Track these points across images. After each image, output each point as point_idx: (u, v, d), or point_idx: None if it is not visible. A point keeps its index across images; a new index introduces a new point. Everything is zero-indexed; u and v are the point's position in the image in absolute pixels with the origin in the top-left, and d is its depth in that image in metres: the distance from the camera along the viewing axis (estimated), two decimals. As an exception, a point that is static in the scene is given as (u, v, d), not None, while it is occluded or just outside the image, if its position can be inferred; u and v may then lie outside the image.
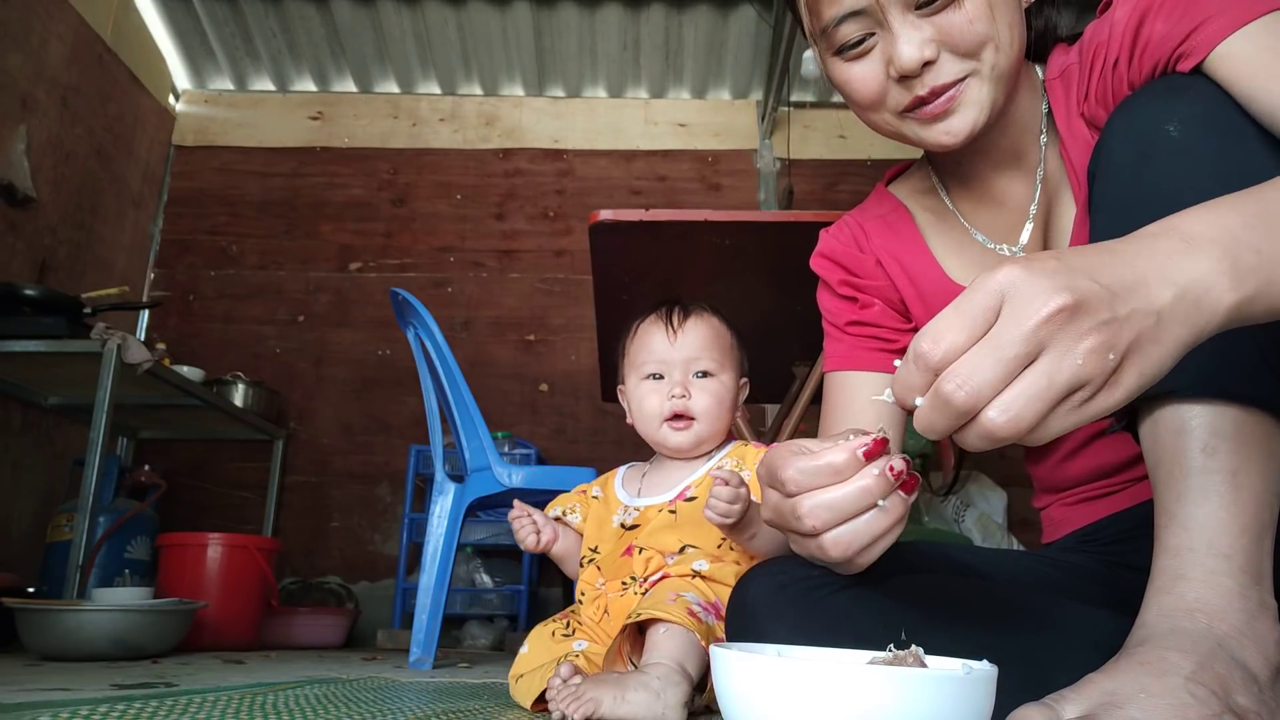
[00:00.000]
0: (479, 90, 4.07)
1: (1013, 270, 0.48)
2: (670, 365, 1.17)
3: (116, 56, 3.44)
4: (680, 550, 1.09)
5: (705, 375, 1.17)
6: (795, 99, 3.93)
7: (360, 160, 3.97)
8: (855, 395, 0.96)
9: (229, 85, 4.02)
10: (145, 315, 3.69)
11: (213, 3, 3.67)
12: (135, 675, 1.45)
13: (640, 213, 1.71)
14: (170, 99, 3.92)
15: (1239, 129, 0.66)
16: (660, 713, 0.85)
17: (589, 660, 1.07)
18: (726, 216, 1.74)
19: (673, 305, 1.21)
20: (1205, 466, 0.59)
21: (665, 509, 1.14)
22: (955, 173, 0.94)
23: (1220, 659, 0.55)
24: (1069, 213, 0.86)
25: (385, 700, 1.06)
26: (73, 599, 2.15)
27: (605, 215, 1.72)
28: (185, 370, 2.97)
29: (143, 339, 3.27)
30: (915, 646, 0.56)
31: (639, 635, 0.99)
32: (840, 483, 0.57)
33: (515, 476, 1.93)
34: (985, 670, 0.52)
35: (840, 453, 0.57)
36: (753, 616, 0.78)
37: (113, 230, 3.46)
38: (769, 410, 3.14)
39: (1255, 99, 0.65)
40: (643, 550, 1.10)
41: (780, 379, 2.32)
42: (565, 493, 1.29)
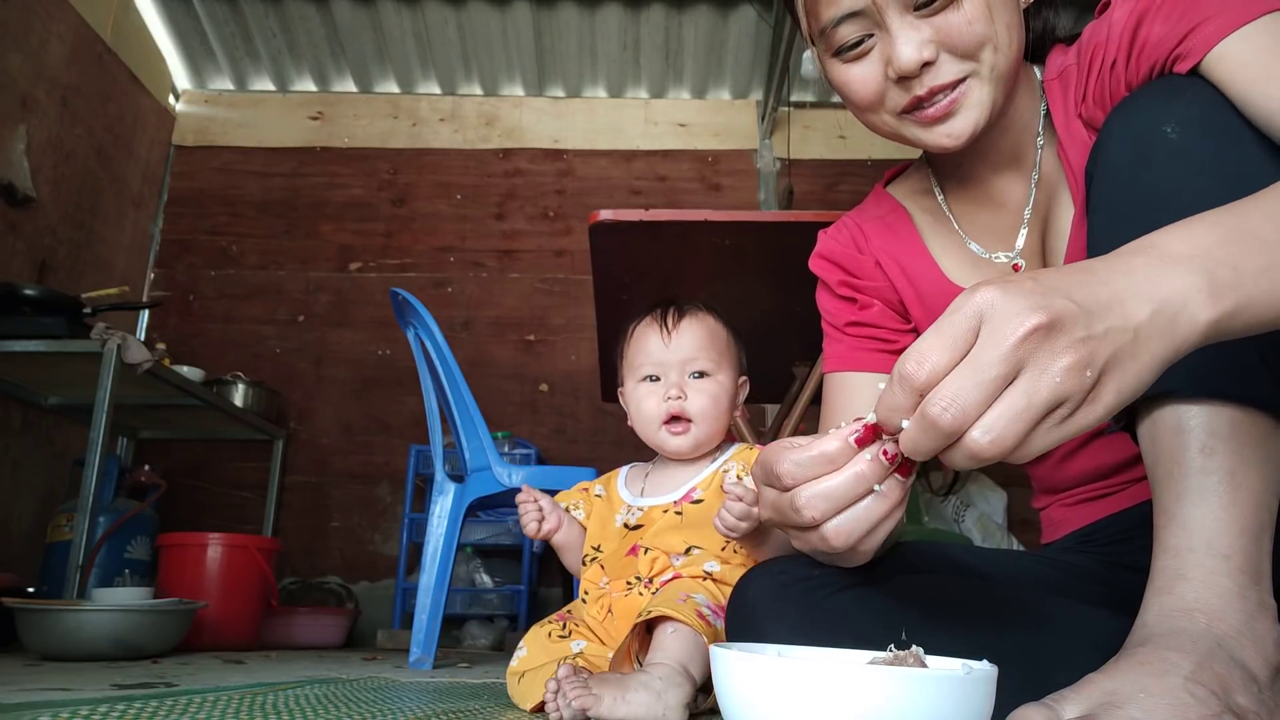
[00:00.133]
0: (479, 90, 4.07)
1: (989, 291, 0.49)
2: (666, 366, 1.17)
3: (116, 56, 3.44)
4: (686, 551, 1.09)
5: (701, 375, 1.16)
6: (795, 99, 3.93)
7: (360, 160, 3.97)
8: (854, 395, 0.96)
9: (229, 85, 4.02)
10: (145, 315, 3.69)
11: (213, 3, 3.67)
12: (135, 675, 1.45)
13: (640, 212, 1.71)
14: (170, 99, 3.92)
15: (1236, 131, 0.66)
16: (661, 713, 0.85)
17: (588, 661, 1.07)
18: (726, 216, 1.74)
19: (668, 306, 1.21)
20: (1204, 467, 0.59)
21: (670, 510, 1.14)
22: (954, 174, 0.94)
23: (1219, 659, 0.55)
24: (1067, 214, 0.86)
25: (385, 700, 1.06)
26: (73, 599, 2.15)
27: (605, 215, 1.72)
28: (185, 370, 2.97)
29: (143, 339, 3.27)
30: (916, 647, 0.56)
31: (647, 636, 0.98)
32: (835, 471, 0.57)
33: (515, 476, 1.93)
34: (985, 670, 0.52)
35: (832, 441, 0.57)
36: (753, 616, 0.78)
37: (113, 230, 3.46)
38: (769, 410, 3.14)
39: (1251, 101, 0.66)
40: (648, 551, 1.10)
41: (780, 379, 2.32)
42: (565, 492, 1.29)
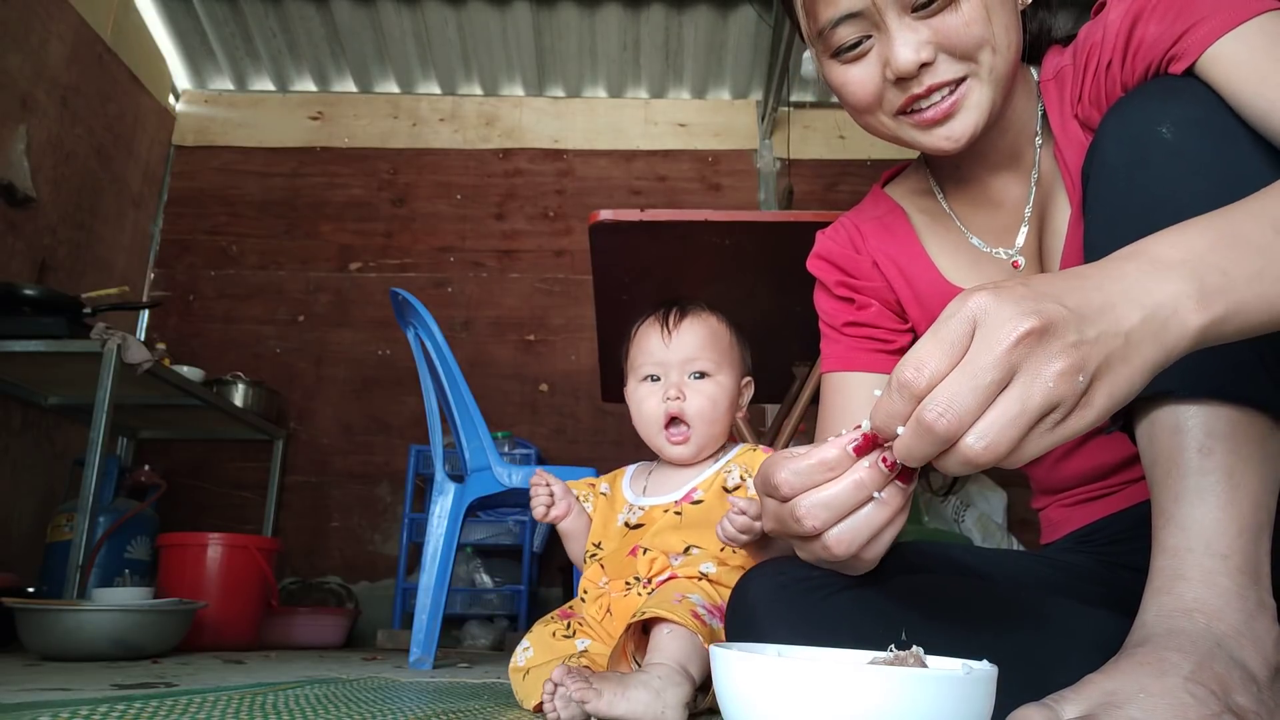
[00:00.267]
0: (479, 90, 4.07)
1: (982, 296, 0.49)
2: (666, 367, 1.16)
3: (116, 56, 3.44)
4: (685, 551, 1.09)
5: (702, 376, 1.16)
6: (795, 99, 3.93)
7: (360, 160, 3.97)
8: (853, 396, 0.96)
9: (229, 85, 4.02)
10: (145, 315, 3.69)
11: (213, 3, 3.67)
12: (135, 675, 1.45)
13: (641, 212, 1.71)
14: (170, 99, 3.92)
15: (1232, 131, 0.66)
16: (660, 711, 0.85)
17: (592, 660, 1.07)
18: (726, 216, 1.74)
19: (670, 306, 1.20)
20: (1202, 467, 0.59)
21: (670, 510, 1.14)
22: (952, 175, 0.94)
23: (1219, 659, 0.55)
24: (1064, 214, 0.86)
25: (385, 700, 1.06)
26: (73, 599, 2.15)
27: (605, 215, 1.71)
28: (185, 370, 2.97)
29: (143, 339, 3.27)
30: (916, 647, 0.56)
31: (643, 635, 0.98)
32: (834, 479, 0.57)
33: (515, 476, 1.93)
34: (985, 670, 0.52)
35: (831, 449, 0.57)
36: (753, 616, 0.78)
37: (113, 230, 3.46)
38: (769, 410, 3.14)
39: (1246, 101, 0.66)
40: (647, 551, 1.10)
41: (780, 379, 2.32)
42: (575, 481, 1.28)
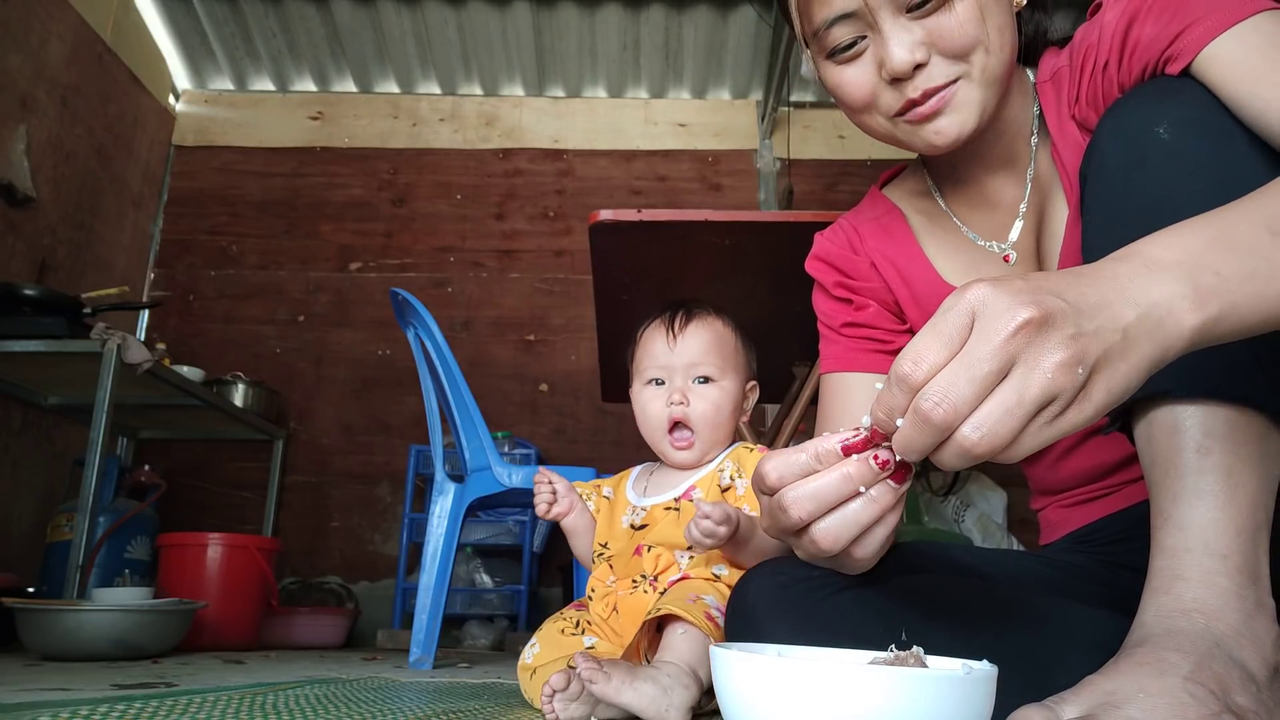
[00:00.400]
0: (479, 90, 4.07)
1: (981, 288, 0.49)
2: (671, 371, 1.16)
3: (116, 56, 3.43)
4: (688, 546, 1.09)
5: (706, 380, 1.16)
6: (795, 99, 3.93)
7: (360, 160, 3.97)
8: (852, 396, 0.96)
9: (229, 85, 4.02)
10: (145, 315, 3.69)
11: (213, 3, 3.67)
12: (135, 675, 1.45)
13: (640, 212, 1.71)
14: (170, 99, 3.92)
15: (1228, 131, 0.66)
16: (664, 709, 0.85)
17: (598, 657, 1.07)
18: (726, 216, 1.74)
19: (676, 309, 1.20)
20: (1199, 467, 0.59)
21: (670, 506, 1.14)
22: (950, 175, 0.94)
23: (1218, 658, 0.55)
24: (1061, 214, 0.86)
25: (385, 700, 1.06)
26: (73, 599, 2.15)
27: (605, 215, 1.72)
28: (185, 370, 2.97)
29: (143, 339, 3.27)
30: (916, 647, 0.56)
31: (656, 634, 0.98)
32: (823, 471, 0.57)
33: (515, 476, 1.93)
34: (985, 670, 0.52)
35: (823, 443, 0.57)
36: (753, 617, 0.78)
37: (113, 230, 3.46)
38: (769, 410, 3.14)
39: (1242, 101, 0.66)
40: (651, 548, 1.10)
41: (780, 379, 2.32)
42: (580, 482, 1.28)
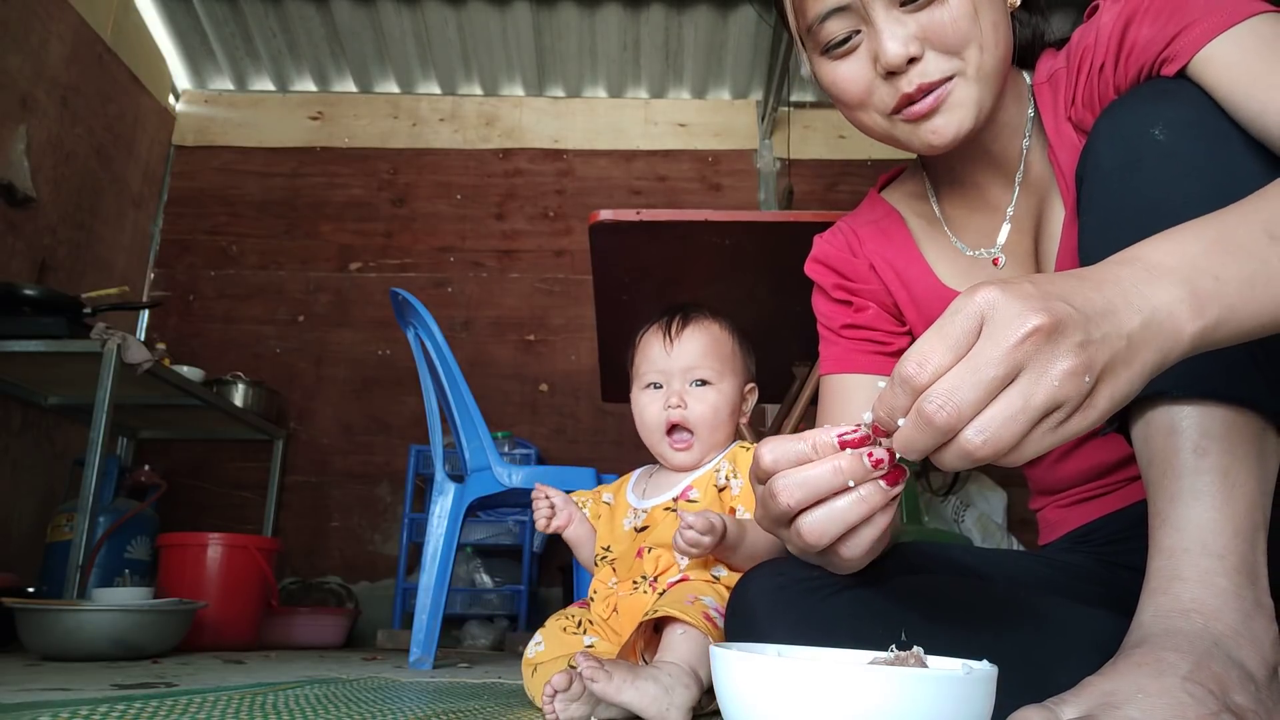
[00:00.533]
0: (479, 90, 4.07)
1: (991, 291, 0.49)
2: (669, 374, 1.17)
3: (116, 56, 3.44)
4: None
5: (703, 384, 1.17)
6: (795, 99, 3.92)
7: (360, 160, 3.97)
8: (851, 397, 0.96)
9: (229, 85, 4.02)
10: (145, 315, 3.69)
11: (213, 3, 3.67)
12: (135, 675, 1.45)
13: (640, 212, 1.71)
14: (170, 99, 3.92)
15: (1224, 132, 0.66)
16: (665, 709, 0.85)
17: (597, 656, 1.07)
18: (726, 216, 1.74)
19: (674, 313, 1.21)
20: (1197, 467, 0.60)
21: (669, 507, 1.14)
22: (947, 177, 0.94)
23: (1217, 658, 0.55)
24: (1058, 216, 0.86)
25: (385, 700, 1.06)
26: (73, 599, 2.15)
27: (605, 215, 1.72)
28: (185, 370, 2.97)
29: (143, 339, 3.27)
30: (916, 647, 0.56)
31: (654, 634, 0.99)
32: (815, 461, 0.57)
33: (515, 476, 1.93)
34: (985, 670, 0.52)
35: (821, 435, 0.57)
36: (753, 617, 0.78)
37: (113, 230, 3.46)
38: (769, 410, 3.14)
39: (1239, 103, 0.66)
40: (651, 549, 1.11)
41: (780, 379, 2.32)
42: (580, 491, 1.30)
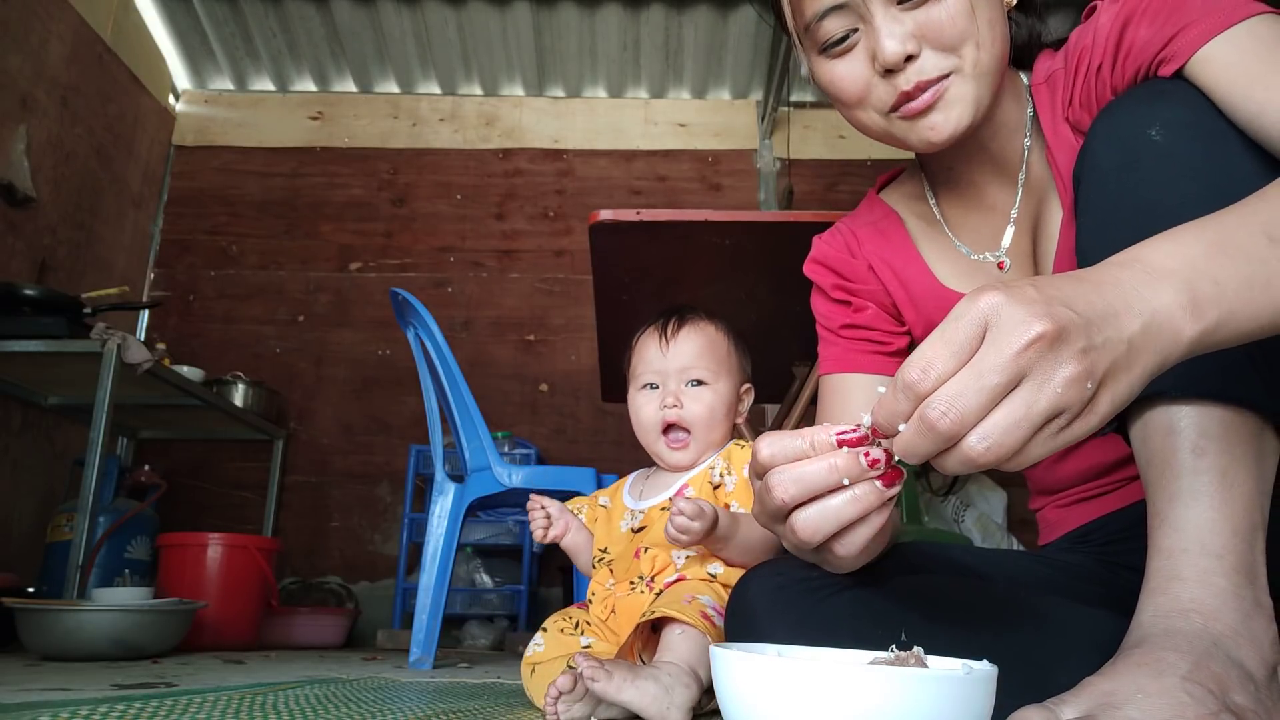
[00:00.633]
0: (479, 90, 4.07)
1: (994, 297, 0.49)
2: (665, 375, 1.19)
3: (116, 56, 3.43)
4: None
5: (699, 384, 1.18)
6: (795, 99, 3.92)
7: (360, 160, 3.97)
8: (851, 397, 0.96)
9: (229, 85, 4.02)
10: (145, 315, 3.69)
11: (213, 3, 3.67)
12: (135, 675, 1.45)
13: (640, 212, 1.71)
14: (170, 99, 3.92)
15: (1221, 133, 0.66)
16: (665, 708, 0.85)
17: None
18: (726, 217, 1.74)
19: (670, 315, 1.22)
20: (1195, 467, 0.60)
21: (665, 507, 1.14)
22: (946, 178, 0.94)
23: (1216, 658, 0.55)
24: (1056, 217, 0.86)
25: (385, 700, 1.06)
26: (73, 599, 2.15)
27: (605, 215, 1.72)
28: (185, 370, 2.97)
29: (143, 339, 3.27)
30: (917, 647, 0.56)
31: (652, 634, 0.99)
32: (812, 458, 0.57)
33: (515, 476, 1.93)
34: (985, 670, 0.52)
35: (820, 432, 0.57)
36: (753, 617, 0.78)
37: (113, 230, 3.46)
38: (769, 410, 3.14)
39: (1236, 104, 0.66)
40: (648, 550, 1.11)
41: (780, 379, 2.32)
42: (570, 494, 1.31)
